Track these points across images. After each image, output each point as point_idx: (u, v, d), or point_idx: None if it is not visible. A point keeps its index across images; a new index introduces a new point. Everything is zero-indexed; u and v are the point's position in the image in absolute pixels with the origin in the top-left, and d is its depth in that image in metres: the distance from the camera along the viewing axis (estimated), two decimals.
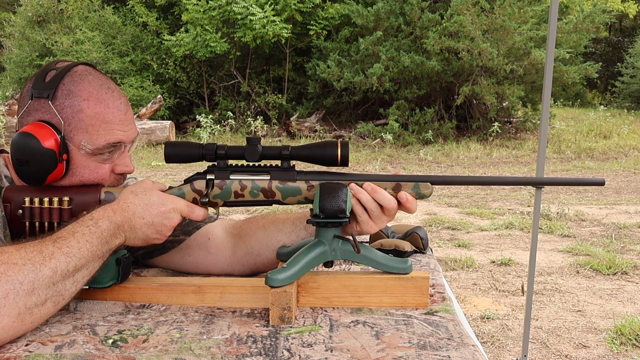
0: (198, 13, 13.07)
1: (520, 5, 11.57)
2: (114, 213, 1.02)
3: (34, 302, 0.89)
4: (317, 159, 1.06)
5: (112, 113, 1.12)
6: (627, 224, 5.71)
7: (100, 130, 1.10)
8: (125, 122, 1.14)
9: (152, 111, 12.64)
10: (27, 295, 0.87)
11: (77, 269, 0.95)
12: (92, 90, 1.11)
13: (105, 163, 1.14)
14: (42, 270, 0.90)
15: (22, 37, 15.40)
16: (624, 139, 12.46)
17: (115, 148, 1.14)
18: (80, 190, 1.11)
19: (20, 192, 1.09)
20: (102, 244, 0.99)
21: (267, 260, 1.24)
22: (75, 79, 1.11)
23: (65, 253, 0.93)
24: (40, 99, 1.09)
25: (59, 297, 0.93)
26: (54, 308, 0.93)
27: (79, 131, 1.10)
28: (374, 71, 11.74)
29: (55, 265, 0.91)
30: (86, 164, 1.12)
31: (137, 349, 0.89)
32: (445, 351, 0.87)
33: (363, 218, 1.09)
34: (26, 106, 1.10)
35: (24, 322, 0.88)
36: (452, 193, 7.61)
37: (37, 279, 0.89)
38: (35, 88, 1.10)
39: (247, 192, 1.08)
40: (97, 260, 0.99)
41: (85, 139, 1.10)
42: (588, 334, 3.13)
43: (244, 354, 0.87)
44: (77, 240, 0.96)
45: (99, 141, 1.11)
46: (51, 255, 0.92)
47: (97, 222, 1.00)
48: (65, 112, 1.09)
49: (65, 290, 0.94)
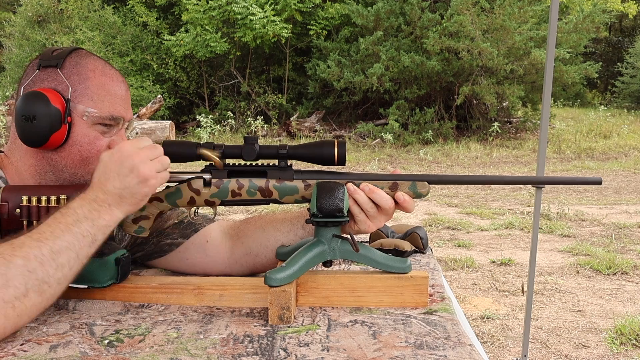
0: (198, 13, 13.08)
1: (520, 5, 11.58)
2: (85, 192, 1.00)
3: (12, 294, 0.86)
4: (314, 158, 1.06)
5: (117, 86, 1.16)
6: (627, 224, 5.71)
7: (104, 100, 1.13)
8: (125, 101, 1.18)
9: (152, 111, 12.64)
10: (2, 289, 0.85)
11: (55, 251, 0.91)
12: (97, 65, 1.16)
13: (104, 136, 1.14)
14: (12, 261, 0.87)
15: (22, 37, 15.41)
16: (624, 139, 12.46)
17: (115, 122, 1.15)
18: (78, 189, 1.11)
19: (18, 191, 1.09)
20: (80, 221, 0.95)
21: (266, 260, 1.24)
22: (81, 55, 1.16)
23: (36, 239, 0.91)
24: (49, 68, 1.12)
25: (42, 284, 0.89)
26: (40, 297, 0.89)
27: (84, 98, 1.11)
28: (374, 71, 11.74)
29: (27, 252, 0.89)
30: (87, 132, 1.12)
31: (132, 349, 0.88)
32: (442, 350, 0.87)
33: (360, 218, 1.08)
34: (32, 76, 1.12)
35: (7, 317, 0.86)
36: (452, 193, 7.61)
37: (9, 270, 0.86)
38: (43, 59, 1.13)
39: (245, 191, 1.08)
40: (82, 239, 0.95)
41: (90, 106, 1.12)
42: (588, 334, 3.13)
43: (240, 353, 0.86)
44: (47, 224, 0.94)
45: (103, 110, 1.12)
46: (21, 244, 0.90)
47: (69, 205, 0.98)
48: (73, 79, 1.12)
49: (48, 277, 0.90)
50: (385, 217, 1.09)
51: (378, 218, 1.09)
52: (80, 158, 1.13)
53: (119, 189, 0.99)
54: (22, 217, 1.07)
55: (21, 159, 1.15)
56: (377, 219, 1.09)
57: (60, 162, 1.13)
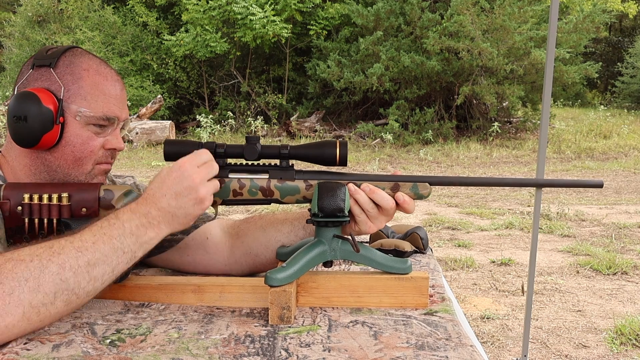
0: (198, 13, 13.08)
1: (520, 5, 11.58)
2: (137, 204, 0.99)
3: (40, 300, 0.86)
4: (316, 158, 1.06)
5: (111, 86, 1.14)
6: (627, 224, 5.71)
7: (98, 100, 1.12)
8: (120, 100, 1.16)
9: (152, 111, 12.65)
10: (32, 293, 0.85)
11: (91, 264, 0.91)
12: (92, 64, 1.14)
13: (98, 136, 1.14)
14: (48, 267, 0.87)
15: (22, 37, 15.41)
16: (624, 139, 12.46)
17: (109, 122, 1.14)
18: (80, 187, 1.11)
19: (20, 188, 1.09)
20: (124, 236, 0.95)
21: (266, 261, 1.24)
22: (76, 54, 1.15)
23: (77, 247, 0.91)
24: (42, 67, 1.11)
25: (70, 295, 0.89)
26: (65, 307, 0.90)
27: (77, 98, 1.11)
28: (374, 71, 11.74)
29: (64, 260, 0.89)
30: (80, 132, 1.11)
31: (134, 349, 0.88)
32: (443, 351, 0.87)
33: (361, 218, 1.08)
34: (26, 76, 1.12)
35: (30, 322, 0.86)
36: (452, 193, 7.61)
37: (42, 275, 0.86)
38: (37, 59, 1.13)
39: (246, 190, 1.08)
40: (122, 255, 0.94)
41: (84, 106, 1.11)
42: (588, 334, 3.13)
43: (241, 353, 0.86)
44: (92, 233, 0.93)
45: (96, 110, 1.11)
46: (61, 249, 0.89)
47: (118, 215, 0.97)
48: (66, 78, 1.11)
49: (79, 289, 0.90)
50: (386, 218, 1.09)
51: (379, 219, 1.09)
52: (73, 158, 1.12)
53: (173, 207, 0.98)
54: (24, 214, 1.08)
55: (16, 159, 1.15)
56: (378, 220, 1.09)
57: (54, 162, 1.12)
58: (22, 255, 0.87)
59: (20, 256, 0.87)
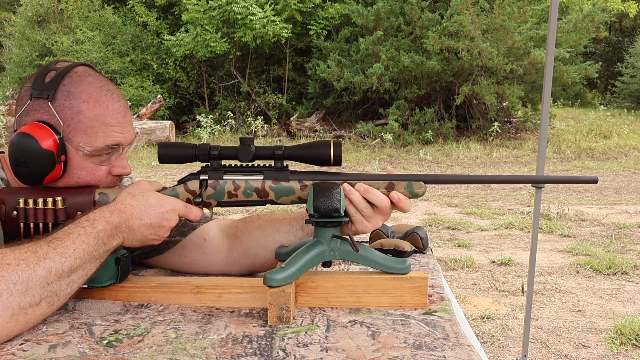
0: (198, 13, 13.08)
1: (520, 5, 11.57)
2: (111, 214, 1.02)
3: (28, 302, 0.88)
4: (310, 158, 1.06)
5: (111, 115, 1.12)
6: (627, 224, 5.71)
7: (99, 132, 1.10)
8: (123, 125, 1.14)
9: (152, 111, 12.65)
10: (20, 295, 0.87)
11: (73, 269, 0.94)
12: (91, 92, 1.11)
13: (103, 165, 1.13)
14: (36, 271, 0.89)
15: (22, 37, 15.40)
16: (624, 139, 12.46)
17: (113, 150, 1.13)
18: (75, 191, 1.11)
19: (15, 193, 1.09)
20: (98, 244, 0.98)
21: (264, 261, 1.23)
22: (75, 80, 1.10)
23: (60, 253, 0.93)
24: (40, 99, 1.09)
25: (53, 297, 0.93)
26: (49, 308, 0.93)
27: (77, 132, 1.09)
28: (373, 71, 11.73)
29: (50, 266, 0.91)
30: (83, 165, 1.11)
31: (131, 349, 0.88)
32: (441, 351, 0.87)
33: (357, 218, 1.08)
34: (25, 106, 1.10)
35: (18, 323, 0.88)
36: (452, 193, 7.61)
37: (30, 279, 0.88)
38: (34, 88, 1.09)
39: (241, 192, 1.08)
40: (94, 262, 0.98)
41: (84, 140, 1.09)
42: (588, 334, 3.13)
43: (239, 354, 0.86)
44: (72, 240, 0.95)
45: (98, 143, 1.10)
46: (45, 255, 0.91)
47: (94, 223, 0.99)
48: (65, 113, 1.09)
49: (60, 291, 0.93)
50: (382, 217, 1.09)
51: (374, 218, 1.08)
52: (78, 185, 1.13)
53: (140, 232, 1.05)
54: (19, 219, 1.08)
55: None
56: (373, 219, 1.09)
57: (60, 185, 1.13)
58: (6, 259, 0.88)
59: (5, 259, 0.88)
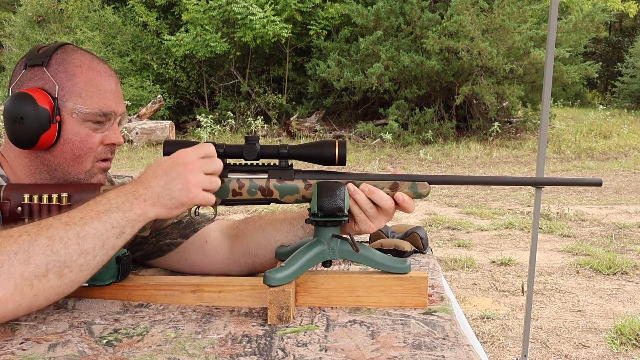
0: (198, 13, 13.08)
1: (520, 5, 11.58)
2: (126, 185, 0.99)
3: (32, 272, 0.85)
4: (315, 158, 1.06)
5: (105, 81, 1.14)
6: (627, 224, 5.71)
7: (93, 96, 1.12)
8: (116, 94, 1.16)
9: (152, 111, 12.65)
10: (22, 265, 0.85)
11: (81, 236, 0.90)
12: (84, 60, 1.14)
13: (96, 132, 1.14)
14: (37, 239, 0.87)
15: (22, 37, 15.41)
16: (624, 139, 12.46)
17: (106, 118, 1.14)
18: (80, 187, 1.11)
19: (20, 189, 1.09)
20: (111, 211, 0.93)
21: (265, 261, 1.23)
22: (67, 51, 1.14)
23: (64, 222, 0.90)
24: (35, 67, 1.11)
25: (62, 267, 0.88)
26: (59, 281, 0.88)
27: (72, 95, 1.11)
28: (373, 71, 11.74)
29: (52, 233, 0.88)
30: (77, 130, 1.12)
31: (130, 349, 0.88)
32: (440, 351, 0.87)
33: (361, 218, 1.08)
34: (19, 76, 1.12)
35: (24, 295, 0.85)
36: (452, 193, 7.61)
37: (32, 247, 0.86)
38: (29, 59, 1.12)
39: (245, 190, 1.08)
40: (110, 230, 0.93)
41: (79, 103, 1.11)
42: (588, 334, 3.13)
43: (238, 353, 0.86)
44: (79, 210, 0.93)
45: (93, 106, 1.12)
46: (49, 225, 0.89)
47: (105, 194, 0.97)
48: (59, 76, 1.11)
49: (70, 261, 0.89)
50: (385, 218, 1.09)
51: (378, 218, 1.08)
52: (72, 156, 1.12)
53: (161, 187, 0.97)
54: (24, 215, 1.07)
55: (15, 159, 1.16)
56: (377, 219, 1.08)
57: (53, 161, 1.13)
58: (10, 232, 0.87)
59: (9, 233, 0.87)
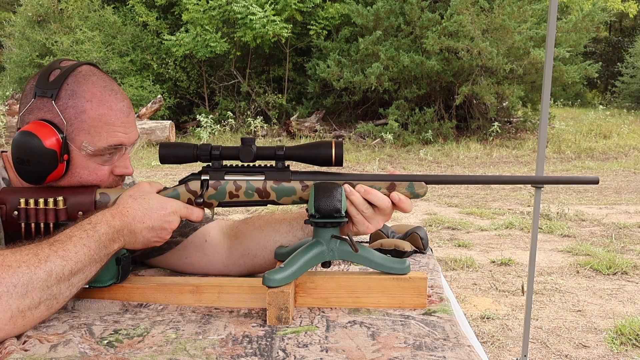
0: (198, 13, 13.07)
1: (520, 5, 11.56)
2: (113, 217, 1.01)
3: (27, 305, 0.88)
4: (312, 159, 1.06)
5: (115, 115, 1.12)
6: (627, 224, 5.71)
7: (102, 132, 1.10)
8: (127, 125, 1.14)
9: (152, 111, 12.64)
10: (20, 298, 0.87)
11: (73, 272, 0.94)
12: (95, 92, 1.10)
13: (105, 164, 1.13)
14: (36, 273, 0.89)
15: (22, 37, 15.40)
16: (624, 139, 12.46)
17: (116, 150, 1.13)
18: (76, 191, 1.11)
19: (16, 193, 1.09)
20: (100, 248, 0.98)
21: (264, 261, 1.23)
22: (79, 80, 1.10)
23: (62, 256, 0.93)
24: (44, 98, 1.09)
25: (52, 300, 0.92)
26: (47, 312, 0.93)
27: (80, 132, 1.09)
28: (373, 71, 11.73)
29: (51, 269, 0.91)
30: (86, 164, 1.11)
31: (131, 349, 0.88)
32: (441, 351, 0.87)
33: (358, 219, 1.08)
34: (29, 104, 1.10)
35: (16, 325, 0.88)
36: (452, 193, 7.61)
37: (31, 281, 0.88)
38: (38, 87, 1.09)
39: (242, 192, 1.08)
40: (95, 265, 0.98)
41: (87, 140, 1.09)
42: (588, 334, 3.13)
43: (239, 354, 0.86)
44: (74, 244, 0.95)
45: (101, 143, 1.10)
46: (47, 258, 0.91)
47: (95, 227, 0.99)
48: (68, 112, 1.08)
49: (60, 294, 0.93)
50: (383, 218, 1.09)
51: (375, 219, 1.08)
52: (80, 184, 1.13)
53: (142, 235, 1.05)
54: (20, 219, 1.08)
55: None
56: (374, 220, 1.08)
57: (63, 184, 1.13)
58: (7, 261, 0.88)
59: (6, 262, 0.88)
